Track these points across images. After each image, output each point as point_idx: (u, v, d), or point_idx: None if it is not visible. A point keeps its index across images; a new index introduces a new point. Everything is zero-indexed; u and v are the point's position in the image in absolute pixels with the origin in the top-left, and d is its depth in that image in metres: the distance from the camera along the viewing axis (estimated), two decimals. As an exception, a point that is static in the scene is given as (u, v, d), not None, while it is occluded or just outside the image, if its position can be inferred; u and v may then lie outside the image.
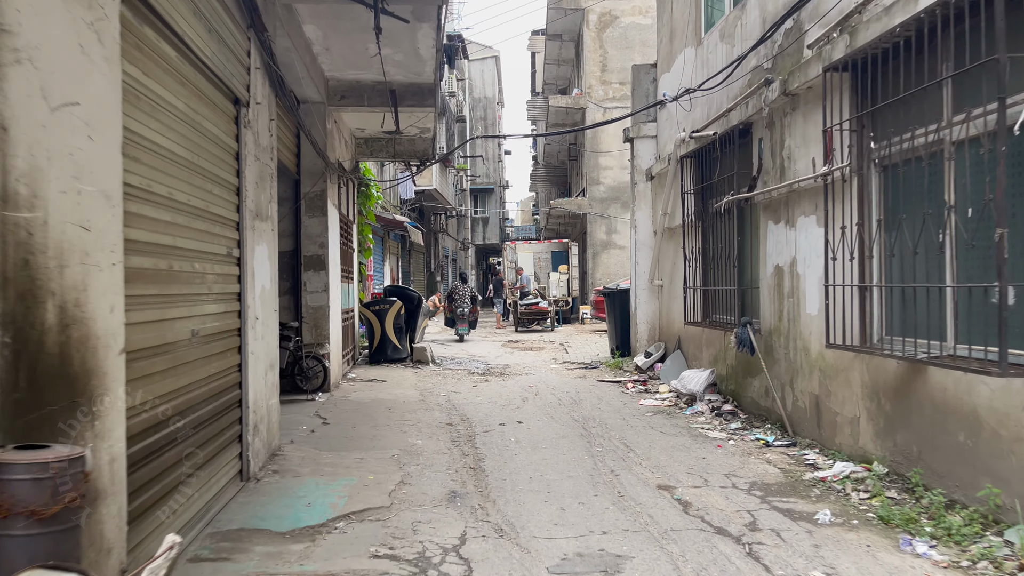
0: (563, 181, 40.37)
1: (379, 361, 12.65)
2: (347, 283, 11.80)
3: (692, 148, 9.32)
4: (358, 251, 13.50)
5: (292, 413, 7.97)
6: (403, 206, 25.82)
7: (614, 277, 27.08)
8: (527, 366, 12.74)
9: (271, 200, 6.08)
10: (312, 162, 9.39)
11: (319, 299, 9.48)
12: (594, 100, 27.04)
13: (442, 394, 9.50)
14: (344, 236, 11.53)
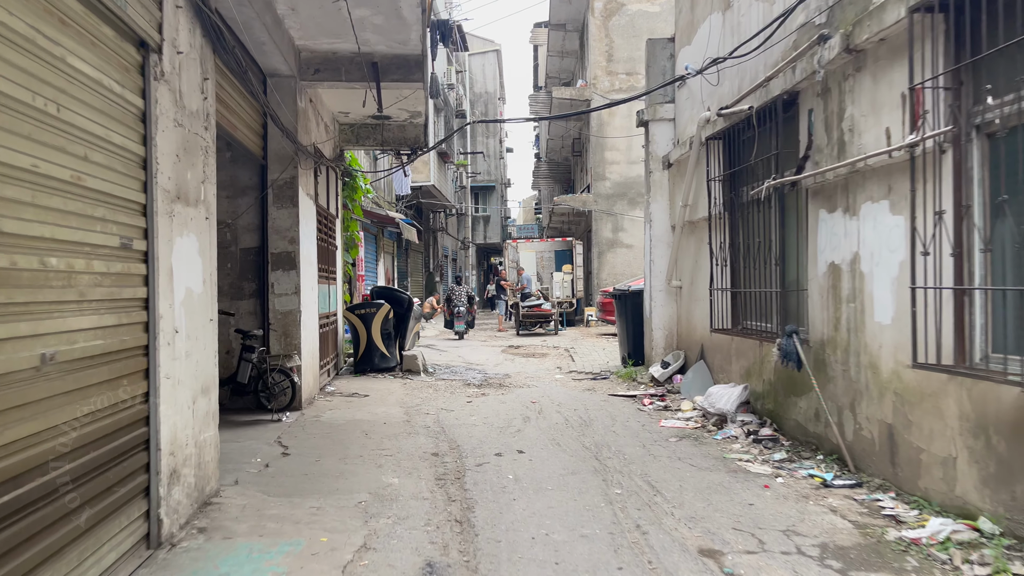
0: (566, 178, 39.07)
1: (365, 371, 11.39)
2: (328, 284, 10.54)
3: (720, 128, 8.05)
4: (343, 249, 12.24)
5: (248, 439, 6.70)
6: (399, 203, 24.55)
7: (620, 277, 25.81)
8: (529, 376, 11.47)
9: (204, 180, 4.82)
10: (281, 145, 8.13)
11: (289, 303, 8.22)
12: (600, 91, 25.76)
13: (431, 412, 8.24)
14: (324, 232, 10.27)
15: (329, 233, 10.69)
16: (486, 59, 43.35)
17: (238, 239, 8.36)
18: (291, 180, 8.24)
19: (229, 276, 8.35)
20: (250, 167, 8.34)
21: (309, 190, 8.92)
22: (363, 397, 9.24)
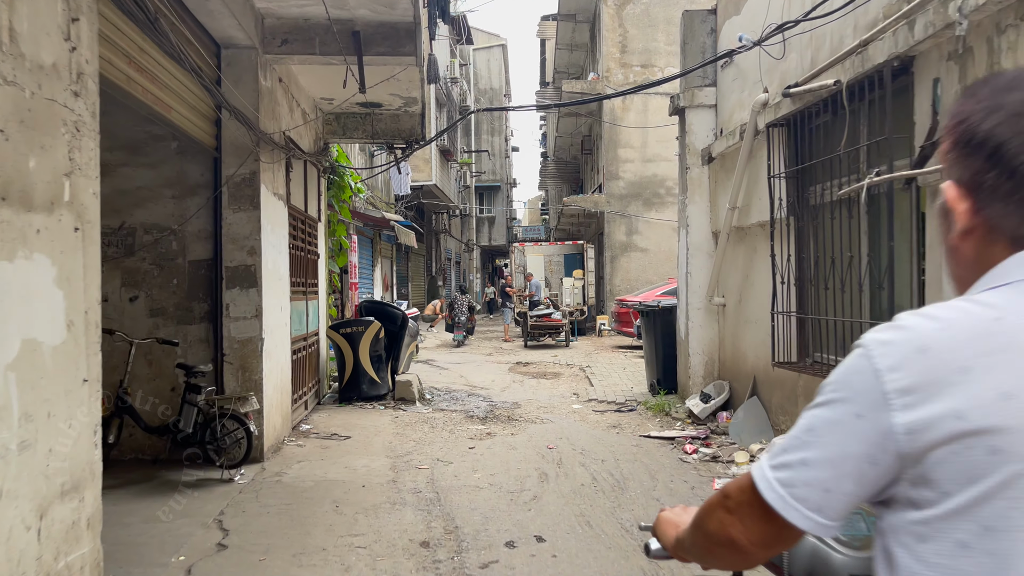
0: (575, 177, 37.45)
1: (351, 399, 9.78)
2: (306, 301, 8.94)
3: (785, 112, 6.43)
4: (327, 257, 10.64)
5: (179, 515, 5.09)
6: (398, 203, 22.96)
7: (635, 284, 24.18)
8: (542, 406, 9.85)
9: (72, 172, 3.20)
10: (238, 134, 6.53)
11: (247, 329, 6.61)
12: (613, 84, 24.13)
13: (424, 465, 6.62)
14: (301, 238, 8.68)
15: (308, 240, 9.09)
16: (491, 54, 41.75)
17: (187, 249, 6.76)
18: (251, 176, 6.64)
19: (175, 296, 6.75)
20: (201, 161, 6.75)
21: (277, 188, 7.31)
22: (343, 440, 7.62)
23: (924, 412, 0.86)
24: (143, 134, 6.71)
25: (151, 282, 6.72)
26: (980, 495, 0.84)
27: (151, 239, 6.69)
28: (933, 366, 0.86)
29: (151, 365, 6.66)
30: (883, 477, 0.90)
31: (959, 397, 0.85)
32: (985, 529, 0.84)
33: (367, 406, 9.62)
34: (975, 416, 0.84)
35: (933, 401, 0.85)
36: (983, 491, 0.84)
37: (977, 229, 0.95)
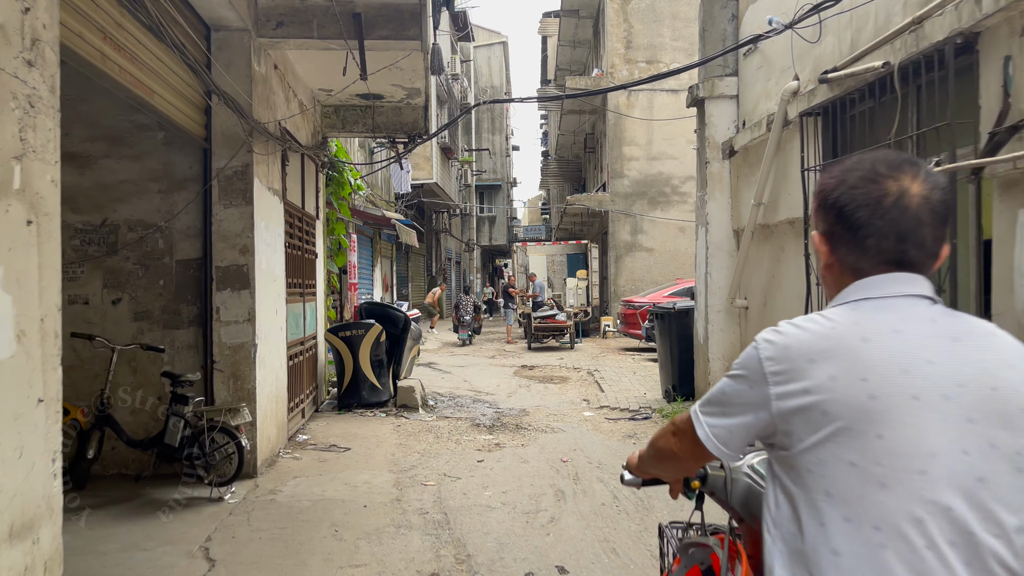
0: (577, 176, 37.00)
1: (351, 406, 9.30)
2: (303, 303, 8.45)
3: (821, 100, 5.95)
4: (326, 256, 10.16)
5: (162, 541, 4.61)
6: (398, 202, 22.47)
7: (639, 284, 23.71)
8: (551, 413, 9.37)
9: (25, 155, 2.72)
10: (229, 123, 6.04)
11: (239, 333, 6.12)
12: (617, 81, 23.65)
13: (430, 481, 6.13)
14: (298, 237, 8.19)
15: (305, 238, 8.60)
16: (492, 51, 41.25)
17: (174, 248, 6.26)
18: (243, 169, 6.14)
19: (162, 298, 6.26)
20: (190, 153, 6.25)
21: (272, 183, 6.82)
22: (342, 452, 7.13)
23: (787, 388, 1.29)
24: (127, 124, 6.22)
25: (135, 283, 6.23)
26: (818, 440, 1.26)
27: (135, 237, 6.20)
28: (793, 358, 1.30)
29: (135, 373, 6.17)
30: (765, 428, 1.33)
31: (807, 379, 1.27)
32: (820, 461, 1.26)
33: (368, 414, 9.13)
34: (815, 391, 1.26)
35: (792, 381, 1.29)
36: (819, 438, 1.26)
37: (834, 264, 1.39)
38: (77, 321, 6.12)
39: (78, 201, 6.17)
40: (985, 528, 1.20)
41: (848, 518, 1.24)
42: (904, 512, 1.21)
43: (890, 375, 1.24)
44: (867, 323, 1.30)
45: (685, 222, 23.46)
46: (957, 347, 1.27)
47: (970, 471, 1.21)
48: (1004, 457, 1.22)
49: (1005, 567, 1.19)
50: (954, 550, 1.19)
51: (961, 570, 1.19)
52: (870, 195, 1.33)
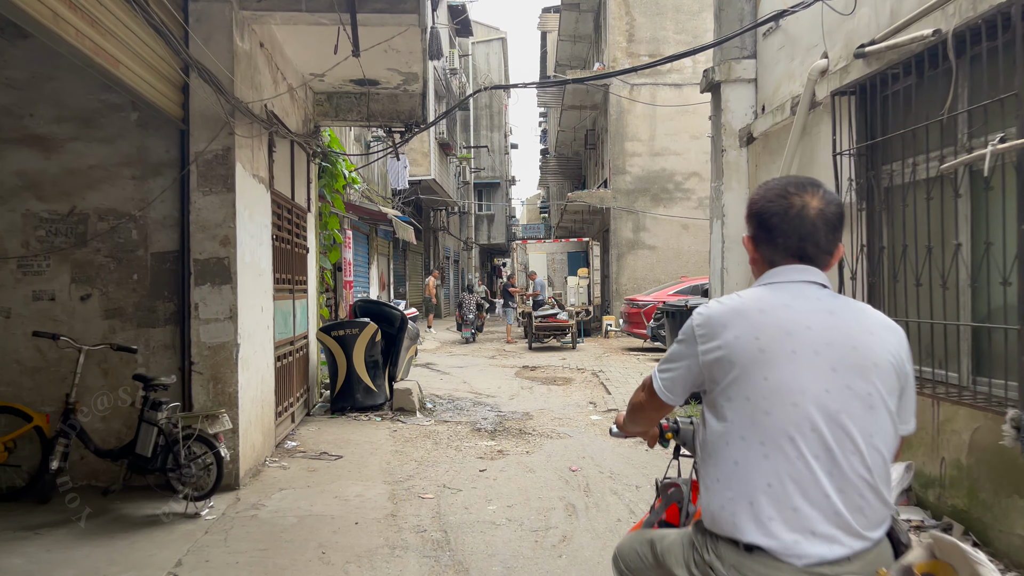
0: (577, 174, 36.50)
1: (344, 409, 8.78)
2: (293, 300, 7.94)
3: (855, 77, 5.44)
4: (318, 251, 9.65)
5: (124, 571, 4.09)
6: (396, 198, 21.97)
7: (642, 282, 23.21)
8: (556, 416, 8.86)
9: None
10: (209, 103, 5.53)
11: (220, 332, 5.60)
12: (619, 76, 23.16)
13: (428, 494, 5.62)
14: (287, 229, 7.68)
15: (295, 232, 8.09)
16: (491, 47, 40.74)
17: (149, 239, 5.74)
18: (224, 153, 5.63)
19: (136, 293, 5.74)
20: (166, 135, 5.74)
21: (257, 170, 6.31)
22: (334, 460, 6.62)
23: (708, 345, 1.77)
24: (97, 103, 5.70)
25: (107, 278, 5.71)
26: (727, 382, 1.74)
27: (106, 227, 5.68)
28: (712, 324, 1.78)
29: (106, 375, 5.65)
30: (697, 376, 1.83)
31: (720, 339, 1.75)
32: (728, 397, 1.75)
33: (362, 417, 8.62)
34: (724, 347, 1.74)
35: (711, 341, 1.77)
36: (728, 380, 1.74)
37: (757, 258, 1.91)
38: (42, 319, 5.60)
39: (43, 188, 5.65)
40: (841, 446, 1.69)
41: (743, 437, 1.74)
42: (782, 432, 1.70)
43: (776, 336, 1.74)
44: (767, 299, 1.80)
45: (689, 219, 22.98)
46: (831, 318, 1.76)
47: (830, 405, 1.70)
48: (857, 397, 1.71)
49: (859, 476, 1.69)
50: (818, 461, 1.69)
51: (823, 477, 1.68)
52: (780, 207, 1.82)
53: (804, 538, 1.68)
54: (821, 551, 1.67)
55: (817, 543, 1.67)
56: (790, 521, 1.68)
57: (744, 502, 1.72)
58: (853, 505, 1.69)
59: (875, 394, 1.71)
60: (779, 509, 1.69)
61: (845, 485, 1.68)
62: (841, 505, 1.68)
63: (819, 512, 1.68)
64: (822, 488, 1.68)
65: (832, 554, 1.67)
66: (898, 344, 1.79)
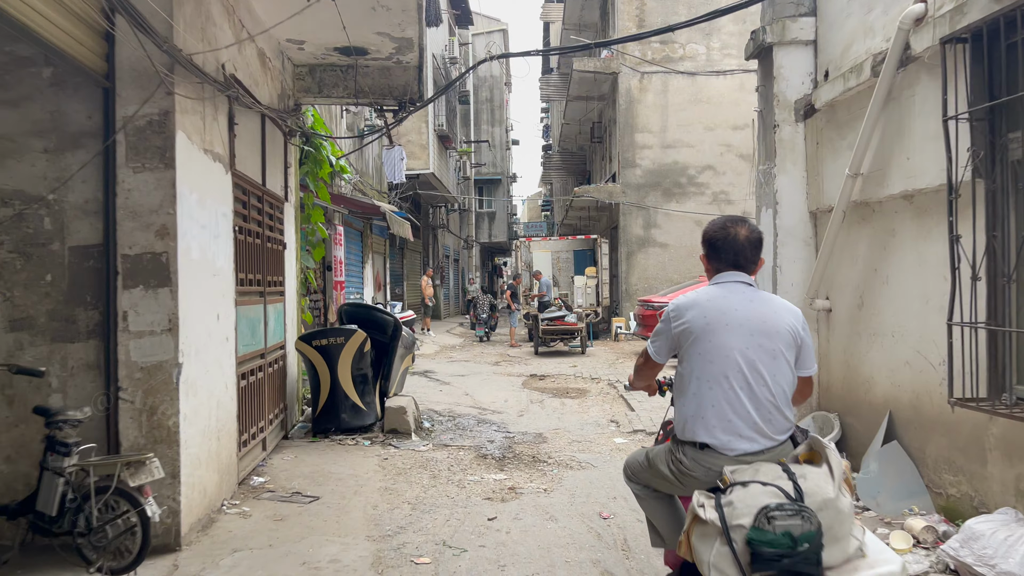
0: (582, 169, 35.23)
1: (328, 431, 7.56)
2: (265, 304, 6.70)
3: (974, 19, 4.20)
4: (300, 248, 8.42)
5: None
6: (392, 192, 20.73)
7: (653, 282, 21.96)
8: (575, 439, 7.63)
9: None
10: (140, 55, 4.28)
11: (155, 349, 4.36)
12: (630, 63, 21.94)
13: (424, 557, 4.37)
14: (257, 221, 6.44)
15: (268, 224, 6.85)
16: (492, 39, 39.43)
17: (66, 230, 4.50)
18: (161, 118, 4.39)
19: (49, 299, 4.49)
20: (88, 98, 4.49)
21: (212, 144, 5.07)
22: (308, 503, 5.37)
23: (677, 322, 2.85)
24: (1, 56, 4.46)
25: (11, 278, 4.47)
26: (688, 345, 2.83)
27: (10, 213, 4.44)
28: (680, 309, 2.87)
29: (11, 405, 4.42)
30: (673, 344, 2.90)
31: (684, 318, 2.84)
32: (688, 354, 2.84)
33: (348, 441, 7.39)
34: (687, 323, 2.82)
35: (679, 320, 2.85)
36: (689, 343, 2.82)
37: (709, 268, 2.98)
38: (-75, 332, 4.36)
39: (-73, 164, 4.41)
40: (756, 382, 2.75)
41: (698, 377, 2.81)
42: (720, 374, 2.76)
43: (717, 315, 2.80)
44: (713, 293, 2.88)
45: (703, 215, 21.71)
46: (751, 304, 2.83)
47: (749, 356, 2.76)
48: (766, 351, 2.77)
49: (768, 400, 2.75)
50: (742, 391, 2.75)
51: (746, 400, 2.74)
52: (723, 235, 2.92)
53: (735, 439, 2.77)
54: (745, 446, 2.77)
55: (743, 442, 2.77)
56: (726, 429, 2.78)
57: (699, 418, 2.83)
58: (765, 418, 2.79)
59: (777, 350, 2.82)
60: (719, 421, 2.79)
61: (759, 406, 2.78)
62: (757, 418, 2.77)
63: (744, 423, 2.78)
64: (745, 408, 2.78)
65: (752, 448, 2.77)
66: (793, 319, 2.88)
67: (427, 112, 22.25)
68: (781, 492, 2.45)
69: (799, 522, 2.33)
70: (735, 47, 21.76)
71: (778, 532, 2.32)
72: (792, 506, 2.38)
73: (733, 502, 2.47)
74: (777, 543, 2.30)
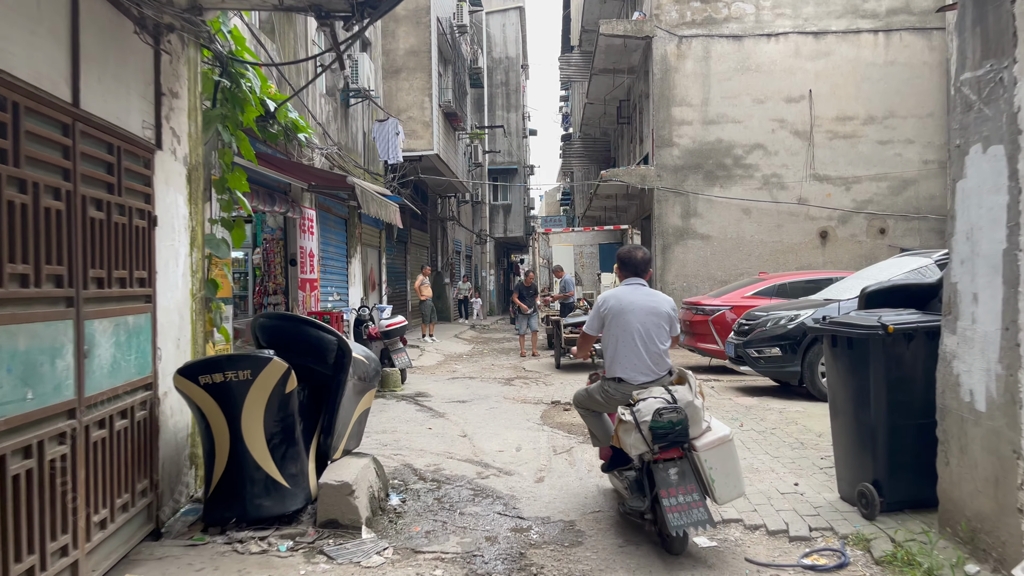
0: (605, 157, 32.13)
1: (224, 521, 4.63)
2: (99, 319, 3.76)
3: None
4: (198, 226, 5.48)
5: None
6: (391, 176, 17.77)
7: (692, 280, 18.87)
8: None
9: None
10: None
11: None
12: (665, 25, 18.85)
13: None
14: (66, 171, 3.48)
15: (105, 180, 3.91)
16: (507, 18, 36.46)
17: None
18: None
19: None
20: None
21: None
22: None
23: (603, 308, 4.82)
24: None
25: None
26: (609, 322, 4.78)
27: None
28: (606, 301, 4.85)
29: None
30: (601, 322, 4.87)
31: (607, 306, 4.81)
32: (611, 327, 4.77)
33: (254, 544, 4.44)
34: (609, 309, 4.79)
35: (604, 307, 4.83)
36: (609, 322, 4.78)
37: (621, 275, 5.06)
38: None
39: None
40: (649, 340, 4.67)
41: (615, 340, 4.71)
42: (628, 336, 4.66)
43: (626, 303, 4.72)
44: (623, 290, 4.83)
45: (751, 202, 18.62)
46: (645, 297, 4.76)
47: (646, 325, 4.67)
48: (654, 324, 4.69)
49: (655, 350, 4.67)
50: (641, 346, 4.66)
51: (642, 351, 4.65)
52: (629, 257, 4.97)
53: (637, 374, 4.63)
54: (643, 379, 4.62)
55: (641, 376, 4.62)
56: (633, 367, 4.64)
57: (617, 364, 4.68)
58: (654, 362, 4.64)
59: (661, 323, 4.68)
60: (628, 364, 4.65)
61: (650, 354, 4.63)
62: (649, 362, 4.63)
63: (642, 364, 4.63)
64: (642, 356, 4.62)
65: (647, 379, 4.62)
66: (669, 305, 4.77)
67: (431, 85, 19.30)
68: (664, 400, 4.28)
69: (675, 415, 4.18)
70: (789, 5, 18.62)
71: (664, 420, 4.16)
72: (671, 406, 4.22)
73: (640, 409, 4.27)
74: (665, 426, 4.16)
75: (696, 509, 4.10)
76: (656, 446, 4.18)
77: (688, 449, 4.24)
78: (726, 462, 4.24)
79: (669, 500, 4.11)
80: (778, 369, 9.61)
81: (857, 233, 18.52)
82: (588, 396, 5.05)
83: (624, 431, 4.31)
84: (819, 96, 18.49)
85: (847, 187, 18.51)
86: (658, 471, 4.19)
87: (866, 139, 18.45)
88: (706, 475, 4.21)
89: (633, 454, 4.34)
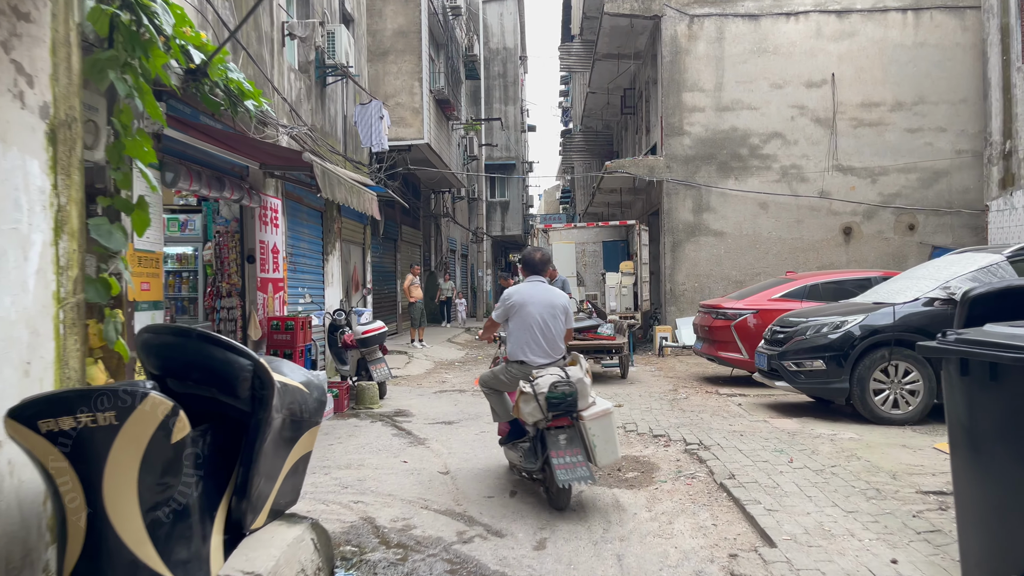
0: (607, 150, 30.64)
1: (81, 636, 3.12)
2: None
3: None
4: (78, 210, 3.97)
5: None
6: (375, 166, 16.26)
7: (704, 280, 17.39)
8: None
9: None
10: None
11: None
12: (675, 3, 17.39)
13: None
14: None
15: None
16: (504, 8, 35.00)
17: None
18: None
19: None
20: None
21: None
22: None
23: (509, 302, 5.69)
24: None
25: None
26: (513, 314, 5.67)
27: None
28: (511, 295, 5.73)
29: None
30: (507, 314, 5.74)
31: (512, 300, 5.69)
32: (513, 319, 5.67)
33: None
34: (513, 303, 5.66)
35: (509, 300, 5.69)
36: (513, 313, 5.67)
37: (524, 273, 6.00)
38: None
39: None
40: (547, 329, 5.57)
41: (518, 328, 5.61)
42: (529, 326, 5.55)
43: (527, 297, 5.62)
44: (525, 286, 5.74)
45: (769, 195, 17.15)
46: (544, 292, 5.68)
47: (544, 317, 5.56)
48: (552, 315, 5.59)
49: (552, 338, 5.59)
50: (540, 334, 5.56)
51: (540, 338, 5.55)
52: (530, 258, 5.91)
53: (536, 358, 5.50)
54: (541, 361, 5.49)
55: (540, 359, 5.50)
56: (532, 352, 5.52)
57: (519, 348, 5.57)
58: (551, 347, 5.56)
59: (557, 314, 5.59)
60: (529, 349, 5.53)
61: (547, 341, 5.54)
62: (547, 347, 5.54)
63: (540, 349, 5.52)
64: (540, 342, 5.52)
65: (544, 361, 5.49)
66: (564, 300, 5.71)
67: (421, 69, 17.81)
68: (559, 376, 5.09)
69: (567, 388, 5.00)
70: (810, -19, 17.18)
71: (559, 392, 4.98)
72: (564, 381, 5.04)
73: (538, 383, 5.05)
74: (559, 397, 4.97)
75: (580, 468, 4.98)
76: (551, 414, 5.06)
77: (576, 419, 5.13)
78: (606, 431, 5.17)
79: (558, 459, 4.98)
80: (822, 385, 8.12)
81: (884, 229, 17.06)
82: (494, 376, 5.85)
83: (524, 401, 5.10)
84: (842, 80, 17.03)
85: (873, 179, 17.05)
86: (550, 436, 5.09)
87: (894, 127, 16.99)
88: (589, 441, 5.09)
89: (530, 422, 5.15)
